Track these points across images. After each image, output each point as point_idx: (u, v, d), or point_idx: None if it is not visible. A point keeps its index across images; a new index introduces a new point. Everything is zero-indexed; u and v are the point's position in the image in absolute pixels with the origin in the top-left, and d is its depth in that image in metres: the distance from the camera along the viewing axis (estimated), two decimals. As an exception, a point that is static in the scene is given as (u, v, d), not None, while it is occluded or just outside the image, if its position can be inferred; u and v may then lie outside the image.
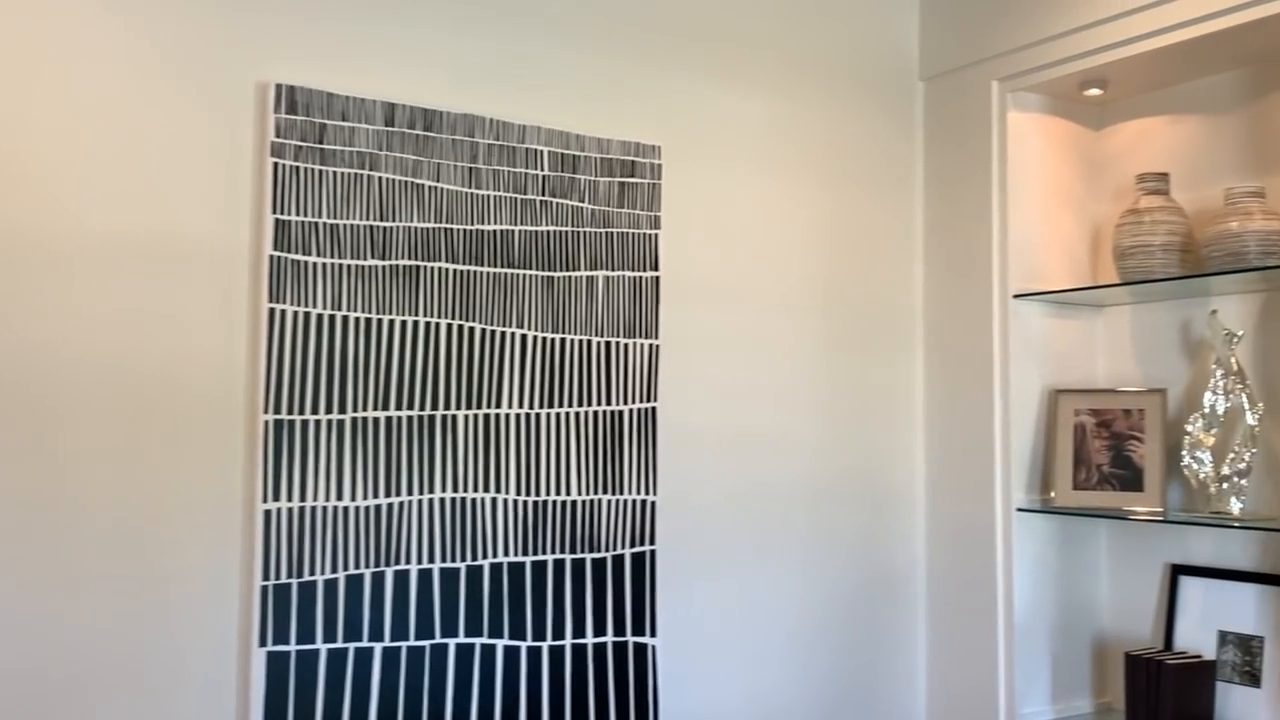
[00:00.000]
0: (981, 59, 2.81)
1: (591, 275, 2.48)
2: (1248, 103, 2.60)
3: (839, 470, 2.82)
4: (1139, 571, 2.75)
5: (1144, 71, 2.64)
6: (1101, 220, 2.88)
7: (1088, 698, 2.78)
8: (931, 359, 2.92)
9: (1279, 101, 2.54)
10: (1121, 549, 2.79)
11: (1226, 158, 2.63)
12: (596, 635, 2.44)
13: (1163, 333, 2.74)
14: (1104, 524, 2.83)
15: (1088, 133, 2.90)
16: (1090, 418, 2.69)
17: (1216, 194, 2.62)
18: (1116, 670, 2.77)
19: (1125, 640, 2.77)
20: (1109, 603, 2.82)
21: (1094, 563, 2.82)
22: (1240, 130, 2.61)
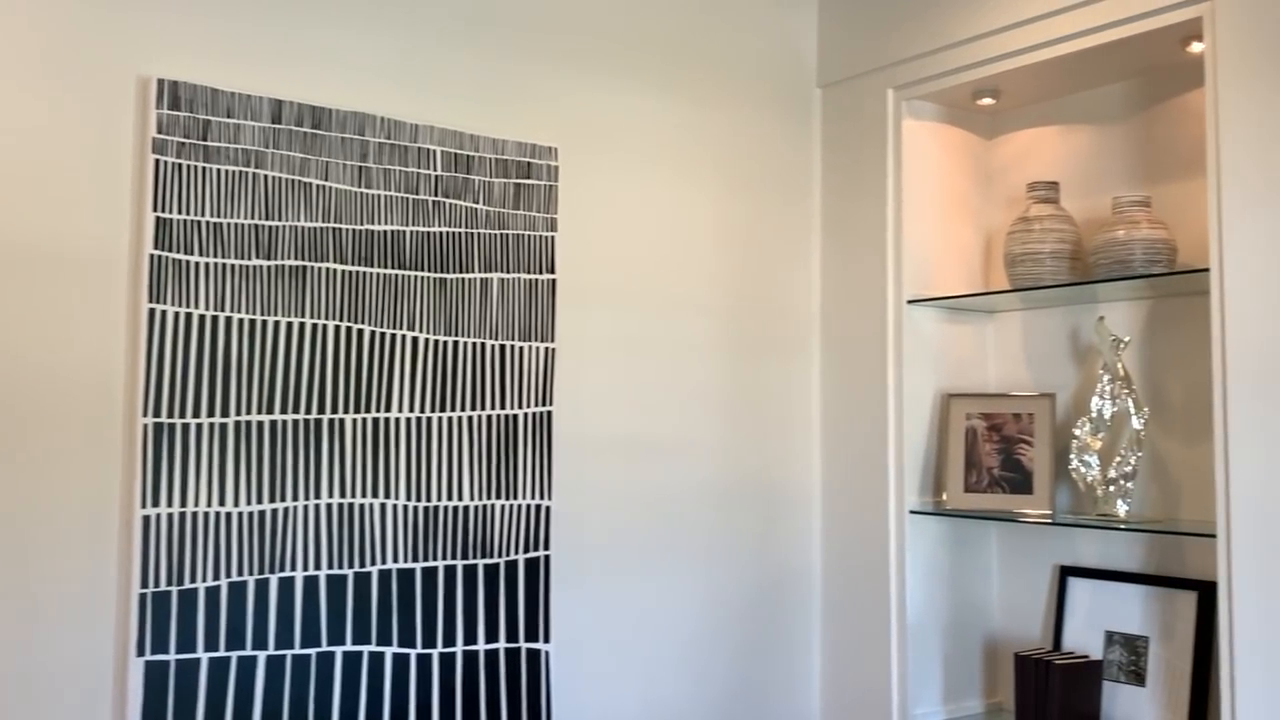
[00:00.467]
0: (877, 67, 2.84)
1: (486, 277, 2.46)
2: (1135, 113, 2.66)
3: (736, 474, 2.82)
4: (1029, 573, 2.79)
5: (1035, 82, 2.68)
6: (994, 228, 2.93)
7: (979, 698, 2.82)
8: (828, 363, 2.94)
9: (1164, 113, 2.60)
10: (1012, 551, 2.84)
11: (1114, 167, 2.69)
12: (488, 642, 2.41)
13: (1052, 338, 2.79)
14: (995, 526, 2.87)
15: (981, 141, 2.95)
16: (981, 421, 2.73)
17: (1105, 203, 2.68)
18: (1007, 670, 2.81)
19: (1016, 641, 2.81)
20: (1000, 604, 2.86)
21: (985, 564, 2.86)
22: (1128, 140, 2.67)
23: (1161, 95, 2.61)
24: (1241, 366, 2.12)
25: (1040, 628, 2.76)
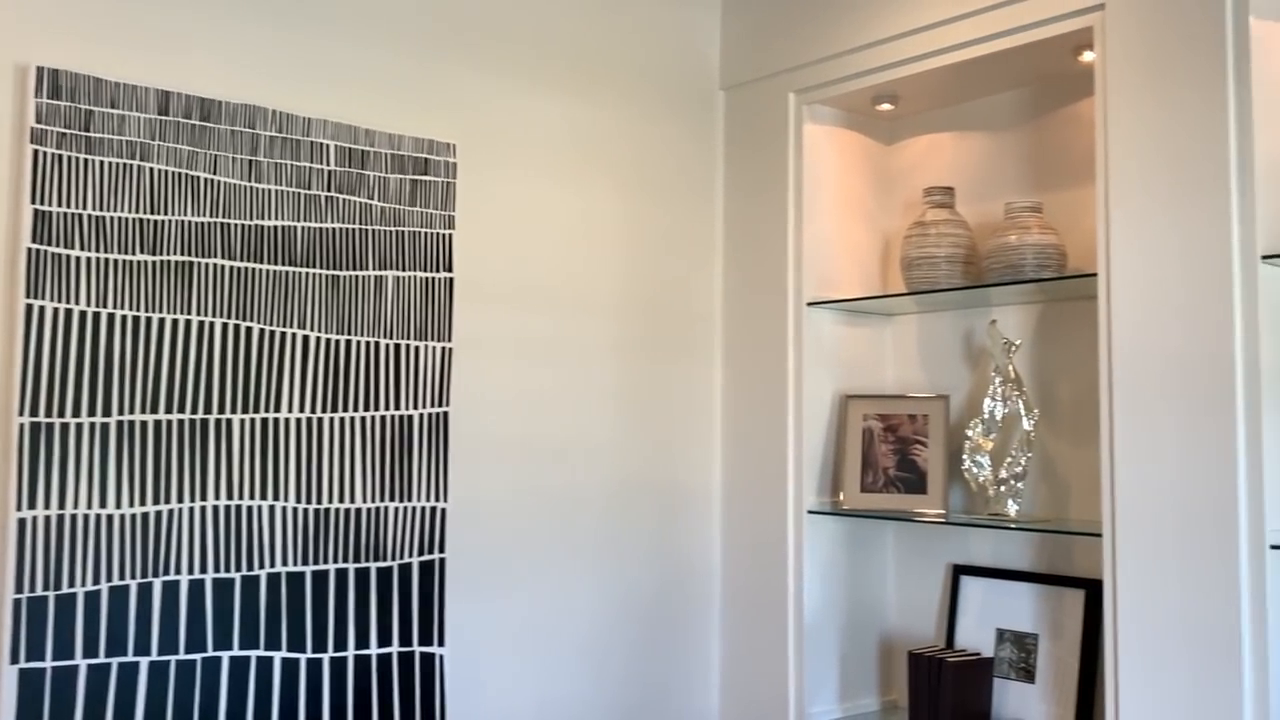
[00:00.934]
0: (779, 71, 2.86)
1: (380, 275, 2.42)
2: (1028, 121, 2.71)
3: (636, 475, 2.82)
4: (924, 572, 2.84)
5: (932, 88, 2.72)
6: (892, 231, 2.97)
7: (874, 696, 2.86)
8: (730, 364, 2.96)
9: (1057, 121, 2.66)
10: (907, 550, 2.88)
11: (1008, 173, 2.74)
12: (381, 646, 2.37)
13: (947, 341, 2.83)
14: (891, 526, 2.91)
15: (880, 146, 2.99)
16: (878, 422, 2.76)
17: (999, 208, 2.73)
18: (902, 668, 2.85)
19: (910, 639, 2.85)
20: (895, 602, 2.90)
21: (881, 563, 2.90)
22: (1021, 147, 2.72)
23: (1054, 103, 2.66)
24: (1126, 369, 2.17)
25: (934, 626, 2.80)
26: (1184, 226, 2.11)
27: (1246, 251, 2.04)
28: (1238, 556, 2.01)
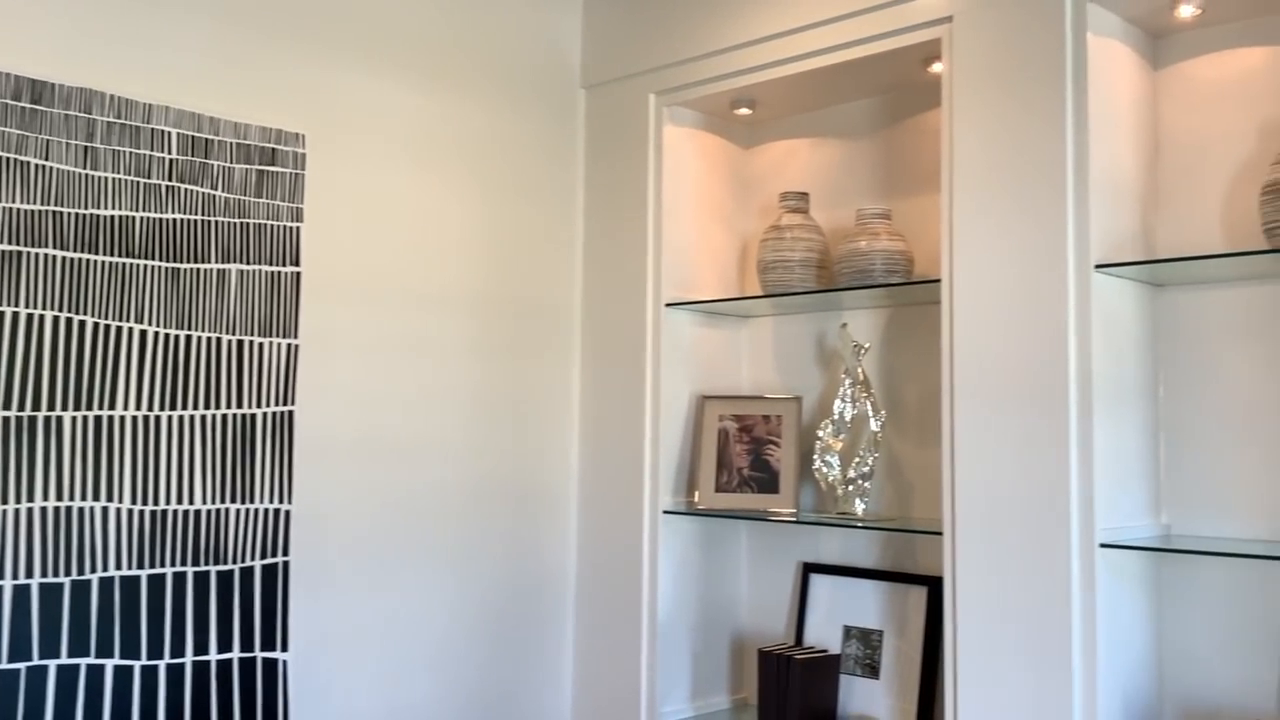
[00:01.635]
0: (640, 71, 2.87)
1: (224, 268, 2.34)
2: (880, 129, 2.78)
3: (491, 476, 2.79)
4: (775, 570, 2.88)
5: (788, 95, 2.77)
6: (749, 235, 3.00)
7: (725, 694, 2.89)
8: (588, 364, 2.95)
9: (907, 129, 2.73)
10: (760, 549, 2.92)
11: (861, 180, 2.80)
12: (221, 652, 2.29)
13: (801, 343, 2.88)
14: (745, 525, 2.94)
15: (739, 150, 3.02)
16: (733, 423, 2.79)
17: (851, 214, 2.79)
18: (753, 666, 2.89)
19: (762, 637, 2.89)
20: (748, 601, 2.94)
21: (735, 563, 2.93)
22: (873, 155, 2.79)
23: (905, 113, 2.74)
24: (967, 373, 2.24)
25: (785, 624, 2.85)
26: (1023, 235, 2.18)
27: (1081, 261, 2.13)
28: (1069, 553, 2.09)
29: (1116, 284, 2.19)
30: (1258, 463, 2.17)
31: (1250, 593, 2.16)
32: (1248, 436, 2.18)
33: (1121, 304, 2.21)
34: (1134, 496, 2.21)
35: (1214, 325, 2.24)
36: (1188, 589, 2.23)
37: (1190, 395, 2.26)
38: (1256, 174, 2.19)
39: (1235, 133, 2.24)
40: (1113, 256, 2.17)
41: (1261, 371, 2.17)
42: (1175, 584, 2.25)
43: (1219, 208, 2.25)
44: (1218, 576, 2.20)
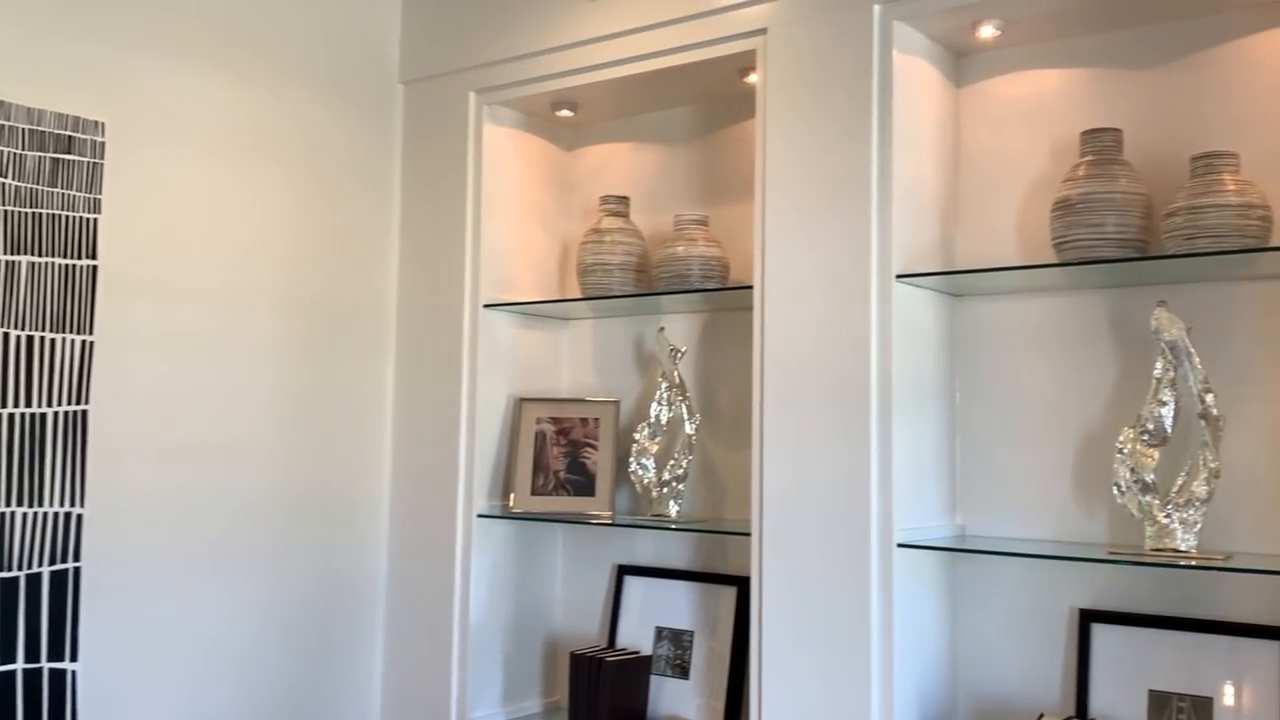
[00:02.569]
0: (460, 69, 2.83)
1: (13, 260, 2.20)
2: (699, 137, 2.82)
3: (300, 479, 2.71)
4: (590, 573, 2.89)
5: (609, 99, 2.78)
6: (570, 237, 3.01)
7: (538, 698, 2.88)
8: (403, 365, 2.90)
9: (725, 138, 2.77)
10: (576, 551, 2.92)
11: (680, 185, 2.84)
12: (4, 663, 2.15)
13: (620, 346, 2.90)
14: (560, 528, 2.94)
15: (560, 152, 3.02)
16: (551, 426, 2.78)
17: (670, 219, 2.81)
18: (566, 669, 2.88)
19: (576, 640, 2.89)
20: (562, 604, 2.94)
21: (550, 566, 2.93)
22: (692, 161, 2.82)
23: (723, 121, 2.78)
24: (776, 377, 2.29)
25: (599, 626, 2.86)
26: (830, 245, 2.24)
27: (884, 270, 2.20)
28: (869, 553, 2.16)
29: (917, 293, 2.27)
30: (1045, 466, 2.28)
31: (1038, 590, 2.27)
32: (1036, 441, 2.29)
33: (922, 312, 2.29)
34: (931, 498, 2.29)
35: (1008, 334, 2.35)
36: (980, 587, 2.33)
37: (985, 401, 2.36)
38: (1049, 190, 2.30)
39: (1030, 150, 2.35)
40: (914, 267, 2.25)
41: (1049, 379, 2.29)
42: (969, 582, 2.35)
43: (1014, 222, 2.36)
44: (1008, 575, 2.30)
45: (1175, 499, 2.02)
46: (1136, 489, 2.05)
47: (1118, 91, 2.26)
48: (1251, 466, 2.07)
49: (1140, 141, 2.22)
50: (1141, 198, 2.09)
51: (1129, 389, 2.20)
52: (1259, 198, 1.98)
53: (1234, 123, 2.13)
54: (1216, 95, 2.15)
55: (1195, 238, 1.97)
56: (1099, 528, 2.22)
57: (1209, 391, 2.01)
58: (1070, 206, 2.10)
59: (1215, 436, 2.00)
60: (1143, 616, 2.14)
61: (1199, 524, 2.00)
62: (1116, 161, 2.11)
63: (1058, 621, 2.24)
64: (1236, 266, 2.03)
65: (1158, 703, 2.09)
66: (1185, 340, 2.02)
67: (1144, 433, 2.06)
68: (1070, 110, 2.31)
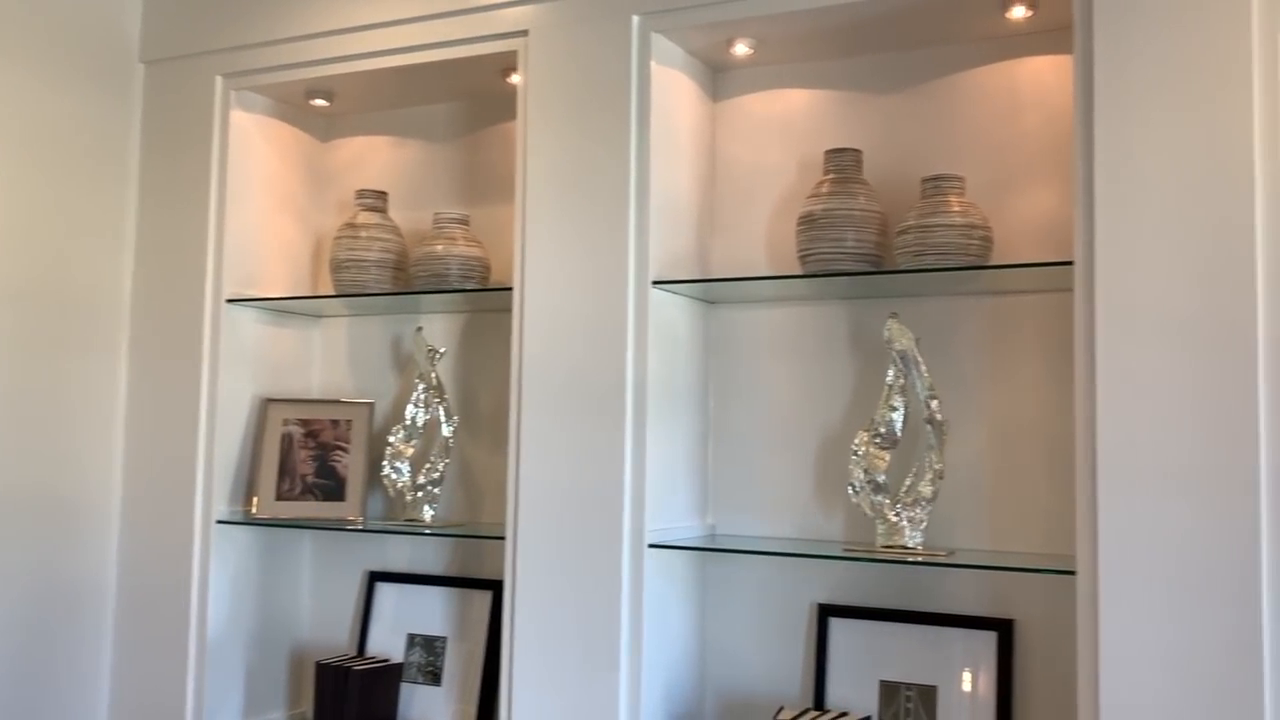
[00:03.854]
0: (206, 51, 2.69)
1: None
2: (462, 134, 2.78)
3: (20, 484, 2.49)
4: (340, 580, 2.80)
5: (367, 90, 2.70)
6: (325, 231, 2.91)
7: (282, 710, 2.77)
8: (137, 362, 2.72)
9: (488, 137, 2.74)
10: (325, 558, 2.83)
11: (440, 183, 2.79)
12: None
13: (375, 346, 2.82)
14: (309, 534, 2.84)
15: (315, 143, 2.91)
16: (299, 428, 2.68)
17: (429, 216, 2.76)
18: (313, 680, 2.78)
19: (325, 649, 2.80)
20: (310, 612, 2.83)
21: (296, 573, 2.82)
22: (454, 159, 2.78)
23: (487, 120, 2.75)
24: (533, 380, 2.28)
25: (349, 634, 2.77)
26: (588, 249, 2.26)
27: (640, 276, 2.23)
28: (621, 554, 2.18)
29: (673, 299, 2.32)
30: (790, 467, 2.38)
31: (782, 587, 2.36)
32: (783, 443, 2.39)
33: (678, 318, 2.34)
34: (683, 499, 2.35)
35: (759, 340, 2.43)
36: (729, 585, 2.41)
37: (737, 405, 2.44)
38: (798, 204, 2.40)
39: (781, 165, 2.44)
40: (670, 274, 2.29)
41: (795, 384, 2.38)
42: (718, 581, 2.42)
43: (766, 233, 2.44)
44: (755, 573, 2.38)
45: (904, 498, 2.14)
46: (869, 489, 2.17)
47: (859, 114, 2.38)
48: (972, 468, 2.22)
49: (878, 162, 2.34)
50: (878, 215, 2.21)
51: (865, 395, 2.32)
52: (981, 219, 2.13)
53: (961, 148, 2.29)
54: (946, 122, 2.30)
55: (924, 254, 2.10)
56: (837, 526, 2.33)
57: (934, 398, 2.14)
58: (814, 221, 2.20)
59: (940, 440, 2.14)
60: (875, 610, 2.26)
61: (925, 522, 2.13)
62: (856, 180, 2.22)
63: (799, 616, 2.34)
64: (960, 282, 2.17)
65: (888, 692, 2.21)
66: (914, 350, 2.15)
67: (877, 436, 2.18)
68: (817, 129, 2.42)
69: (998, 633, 2.15)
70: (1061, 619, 2.11)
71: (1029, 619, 2.16)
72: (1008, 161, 2.24)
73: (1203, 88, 1.82)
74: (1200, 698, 1.75)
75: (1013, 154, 2.24)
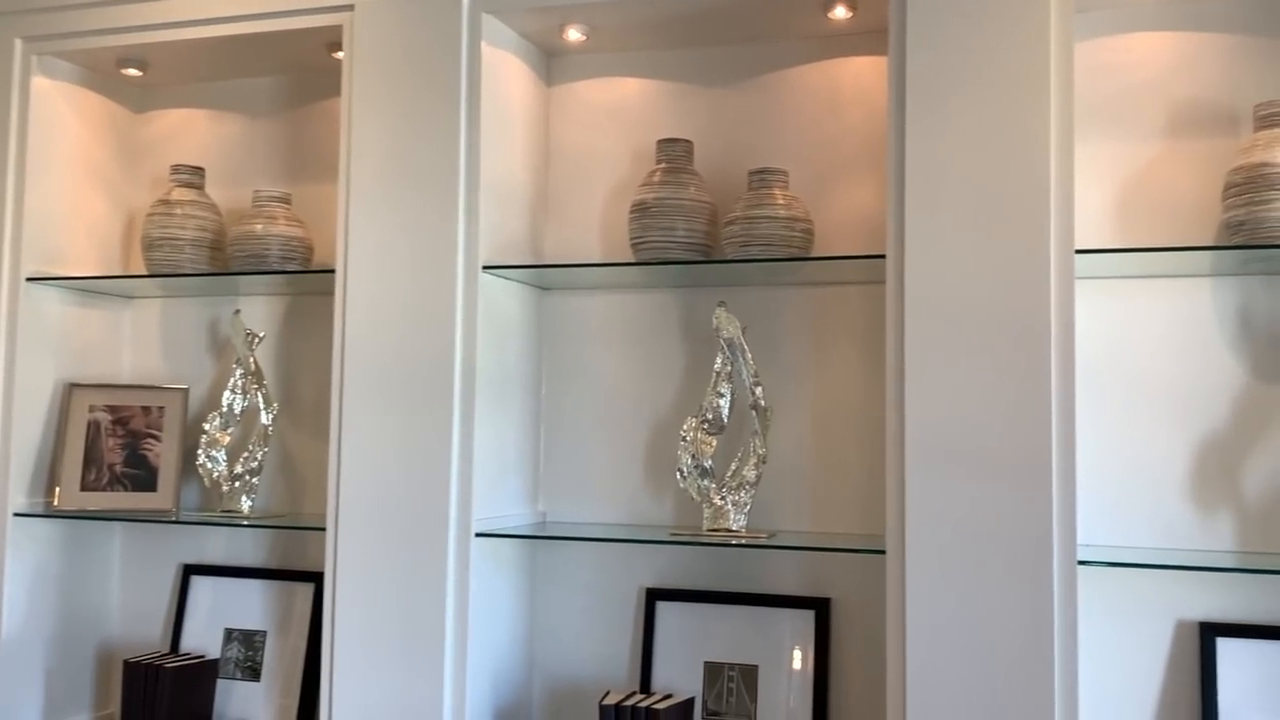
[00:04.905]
0: (4, 11, 2.51)
1: None
2: (284, 110, 2.69)
3: None
4: (153, 574, 2.68)
5: (185, 60, 2.58)
6: (137, 208, 2.76)
7: (88, 712, 2.63)
8: (-75, 345, 2.54)
9: (312, 113, 2.66)
10: (136, 552, 2.70)
11: (262, 160, 2.69)
12: None
13: (190, 330, 2.71)
14: (119, 527, 2.70)
15: (128, 114, 2.77)
16: (107, 415, 2.55)
17: (249, 195, 2.66)
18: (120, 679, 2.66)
19: (135, 647, 2.66)
20: (120, 609, 2.70)
21: (105, 568, 2.68)
22: (276, 135, 2.69)
23: (310, 96, 2.67)
24: (357, 366, 2.23)
25: (162, 630, 2.66)
26: (416, 233, 2.22)
27: (470, 261, 2.20)
28: (447, 543, 2.16)
29: (504, 285, 2.30)
30: (621, 454, 2.40)
31: (611, 572, 2.38)
32: (614, 430, 2.40)
33: (509, 304, 2.33)
34: (513, 487, 2.33)
35: (591, 328, 2.44)
36: (559, 572, 2.41)
37: (568, 392, 2.44)
38: (629, 193, 2.41)
39: (615, 153, 2.45)
40: (501, 259, 2.27)
41: (627, 371, 2.40)
42: (548, 568, 2.42)
43: (599, 221, 2.45)
44: (584, 558, 2.39)
45: (729, 483, 2.19)
46: (697, 474, 2.20)
47: (691, 105, 2.41)
48: (794, 454, 2.29)
49: (708, 153, 2.38)
50: (708, 206, 2.24)
51: (694, 382, 2.36)
52: (803, 212, 2.18)
53: (786, 142, 2.34)
54: (773, 116, 2.35)
55: (749, 245, 2.15)
56: (666, 511, 2.36)
57: (759, 385, 2.19)
58: (646, 210, 2.22)
59: (764, 426, 2.19)
60: (701, 593, 2.30)
61: (749, 505, 2.18)
62: (687, 170, 2.25)
63: (628, 601, 2.36)
64: (783, 273, 2.23)
65: (712, 673, 2.26)
66: (740, 338, 2.20)
67: (704, 422, 2.21)
68: (649, 118, 2.43)
69: (815, 611, 2.22)
70: (874, 597, 2.20)
71: (845, 597, 2.23)
72: (830, 157, 2.31)
73: (1004, 92, 1.92)
74: (997, 668, 1.85)
75: (834, 150, 2.31)
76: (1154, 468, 2.10)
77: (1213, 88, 2.11)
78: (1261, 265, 2.02)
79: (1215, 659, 2.01)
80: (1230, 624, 2.03)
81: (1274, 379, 2.06)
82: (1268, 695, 1.99)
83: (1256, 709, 1.98)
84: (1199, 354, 2.09)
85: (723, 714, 2.23)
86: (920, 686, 1.88)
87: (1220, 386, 2.08)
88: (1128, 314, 2.13)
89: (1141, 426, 2.11)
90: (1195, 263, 2.02)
